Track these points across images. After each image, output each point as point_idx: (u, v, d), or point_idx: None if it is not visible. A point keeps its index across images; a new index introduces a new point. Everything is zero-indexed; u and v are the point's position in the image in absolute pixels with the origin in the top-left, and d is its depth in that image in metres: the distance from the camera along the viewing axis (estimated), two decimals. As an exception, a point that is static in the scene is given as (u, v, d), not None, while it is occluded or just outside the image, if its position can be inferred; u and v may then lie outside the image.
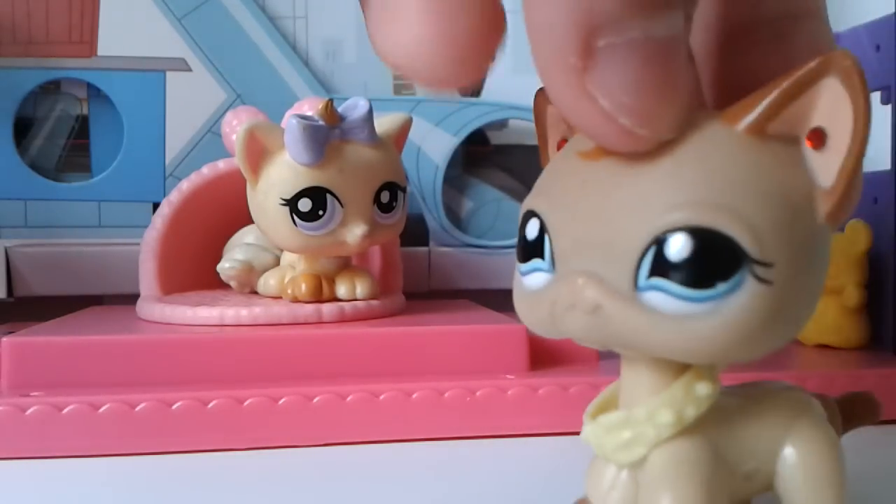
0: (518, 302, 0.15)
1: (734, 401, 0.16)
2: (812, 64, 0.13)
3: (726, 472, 0.15)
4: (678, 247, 0.13)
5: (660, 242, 0.13)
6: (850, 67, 0.13)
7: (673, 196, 0.13)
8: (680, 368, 0.15)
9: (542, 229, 0.14)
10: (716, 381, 0.15)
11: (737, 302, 0.13)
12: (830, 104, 0.13)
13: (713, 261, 0.13)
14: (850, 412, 0.19)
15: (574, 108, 0.12)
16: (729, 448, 0.15)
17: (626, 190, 0.13)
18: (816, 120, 0.13)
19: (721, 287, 0.13)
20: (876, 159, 0.49)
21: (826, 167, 0.13)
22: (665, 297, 0.13)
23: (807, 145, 0.13)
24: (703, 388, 0.15)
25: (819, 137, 0.13)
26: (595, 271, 0.13)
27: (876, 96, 0.34)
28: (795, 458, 0.16)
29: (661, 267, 0.13)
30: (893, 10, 0.33)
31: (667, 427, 0.15)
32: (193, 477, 0.22)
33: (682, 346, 0.13)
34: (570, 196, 0.14)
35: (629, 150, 0.13)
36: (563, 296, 0.14)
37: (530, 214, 0.15)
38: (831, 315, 0.33)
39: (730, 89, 0.15)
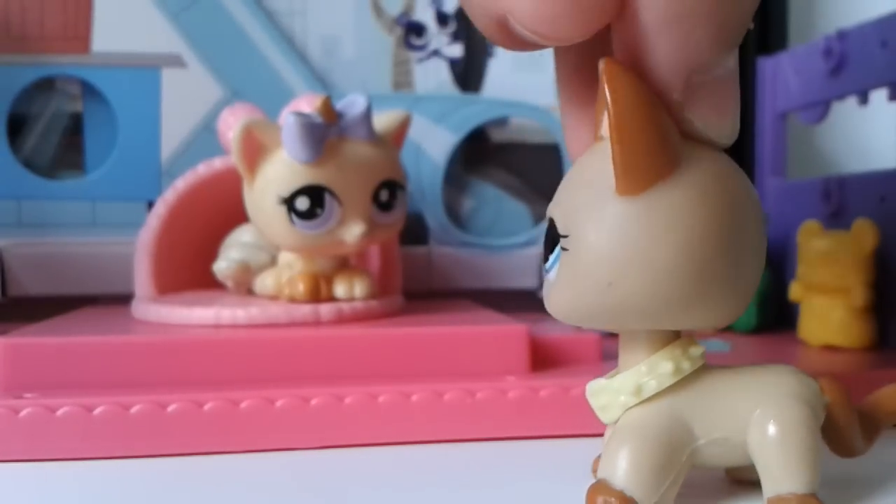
0: None
1: (711, 378, 0.19)
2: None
3: (687, 438, 0.18)
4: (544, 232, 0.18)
5: None
6: (602, 70, 0.16)
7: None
8: (668, 337, 0.18)
9: None
10: (703, 348, 0.19)
11: (557, 269, 0.17)
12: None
13: (548, 238, 0.18)
14: (881, 407, 0.21)
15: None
16: (695, 418, 0.18)
17: None
18: None
19: (551, 258, 0.18)
20: (882, 157, 0.48)
21: None
22: (547, 273, 0.18)
23: None
24: (696, 350, 0.18)
25: None
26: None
27: (882, 93, 0.34)
28: (759, 431, 0.18)
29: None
30: (900, 7, 0.32)
31: (666, 376, 0.18)
32: (188, 480, 0.22)
33: (552, 309, 0.18)
34: None
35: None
36: None
37: None
38: (838, 315, 0.32)
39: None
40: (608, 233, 0.16)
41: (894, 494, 0.20)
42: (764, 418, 0.18)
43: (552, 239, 0.18)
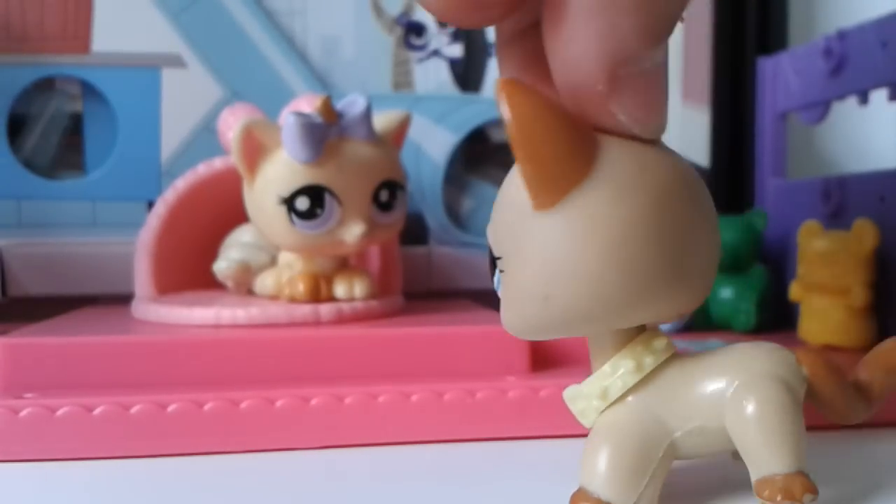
0: None
1: (681, 367, 0.18)
2: None
3: (662, 433, 0.18)
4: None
5: None
6: (497, 91, 0.16)
7: None
8: (632, 334, 0.18)
9: None
10: (668, 338, 0.18)
11: (501, 289, 0.18)
12: None
13: (490, 259, 0.18)
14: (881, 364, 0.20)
15: (599, 122, 0.17)
16: (669, 411, 0.18)
17: None
18: None
19: (494, 280, 0.18)
20: (882, 157, 0.48)
21: None
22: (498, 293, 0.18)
23: None
24: (660, 342, 0.18)
25: None
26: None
27: (882, 93, 0.34)
28: (735, 414, 0.18)
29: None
30: (900, 7, 0.32)
31: (629, 374, 0.18)
32: (188, 480, 0.22)
33: (506, 327, 0.18)
34: None
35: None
36: None
37: None
38: (837, 315, 0.32)
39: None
40: (534, 249, 0.16)
41: (894, 495, 0.20)
42: (737, 401, 0.18)
43: (493, 260, 0.18)
